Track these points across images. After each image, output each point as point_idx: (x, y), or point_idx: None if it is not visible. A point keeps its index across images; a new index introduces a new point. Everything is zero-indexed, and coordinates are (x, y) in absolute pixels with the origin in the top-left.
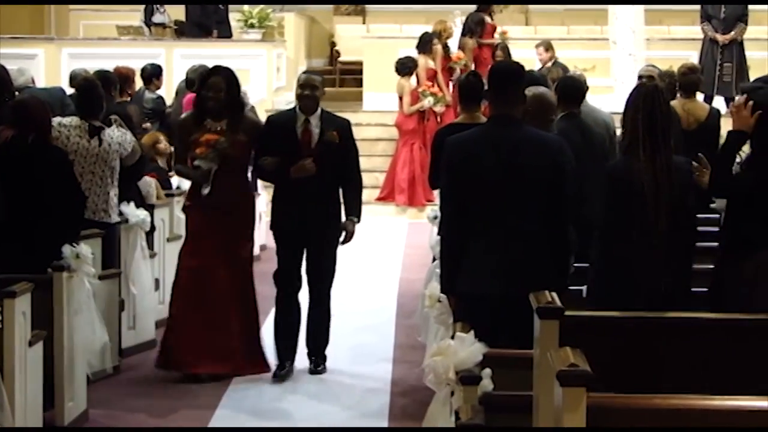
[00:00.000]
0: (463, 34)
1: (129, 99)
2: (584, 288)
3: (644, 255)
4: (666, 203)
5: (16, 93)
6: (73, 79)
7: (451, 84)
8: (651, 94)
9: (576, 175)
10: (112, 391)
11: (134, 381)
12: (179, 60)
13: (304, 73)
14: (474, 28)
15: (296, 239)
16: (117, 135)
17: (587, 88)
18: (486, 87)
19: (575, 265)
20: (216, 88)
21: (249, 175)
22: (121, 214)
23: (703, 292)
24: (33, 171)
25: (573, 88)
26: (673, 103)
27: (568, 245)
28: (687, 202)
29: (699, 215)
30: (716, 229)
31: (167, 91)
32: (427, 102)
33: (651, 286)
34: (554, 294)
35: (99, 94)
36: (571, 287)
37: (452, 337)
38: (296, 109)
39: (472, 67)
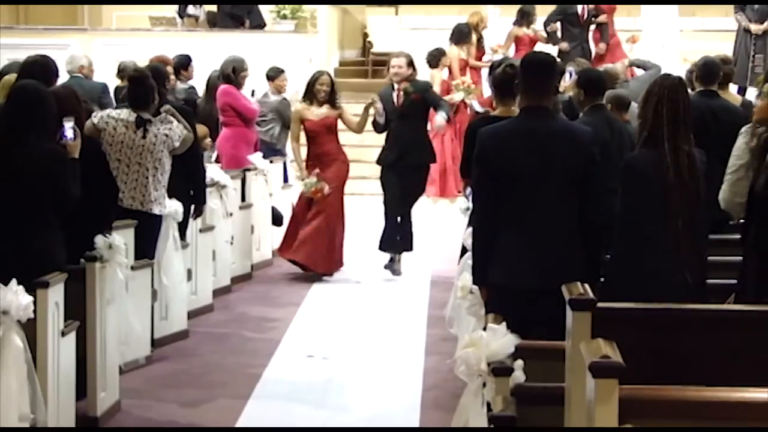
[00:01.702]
0: (516, 24)
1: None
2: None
3: (667, 247)
4: (687, 196)
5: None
6: (122, 71)
7: (485, 76)
8: (675, 86)
9: (604, 169)
10: (145, 382)
11: (166, 371)
12: (212, 51)
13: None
14: (527, 16)
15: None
16: (164, 128)
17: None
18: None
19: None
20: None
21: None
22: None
23: (724, 284)
24: None
25: (597, 81)
26: None
27: (600, 237)
28: (702, 193)
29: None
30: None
31: (199, 81)
32: (458, 96)
33: (674, 279)
34: (587, 285)
35: (150, 86)
36: (603, 279)
37: (484, 329)
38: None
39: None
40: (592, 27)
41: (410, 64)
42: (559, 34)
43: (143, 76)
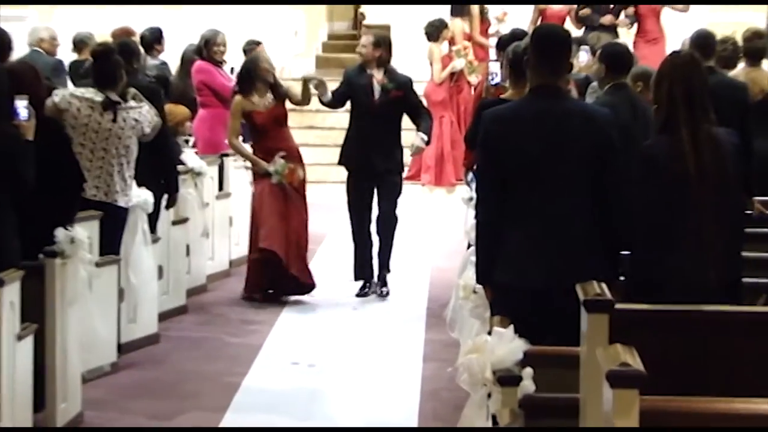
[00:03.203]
0: None
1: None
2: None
3: (689, 243)
4: (712, 185)
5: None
6: (78, 43)
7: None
8: (687, 63)
9: (625, 156)
10: (110, 392)
11: (134, 380)
12: (187, 23)
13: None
14: None
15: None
16: (134, 112)
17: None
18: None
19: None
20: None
21: None
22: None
23: (760, 282)
24: None
25: (621, 56)
26: (736, 71)
27: (618, 231)
28: (732, 180)
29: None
30: None
31: (173, 57)
32: (459, 64)
33: (697, 279)
34: (603, 285)
35: (116, 62)
36: (622, 278)
37: (489, 333)
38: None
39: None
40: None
41: (379, 44)
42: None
43: (108, 51)
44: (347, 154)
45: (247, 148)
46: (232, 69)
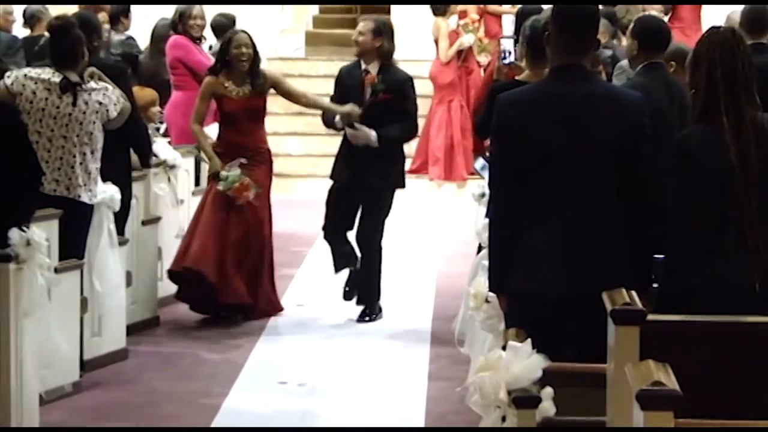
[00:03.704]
0: None
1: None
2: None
3: (731, 247)
4: (757, 180)
5: None
6: (30, 18)
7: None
8: (728, 41)
9: (659, 142)
10: (71, 415)
11: (99, 402)
12: None
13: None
14: None
15: None
16: (97, 93)
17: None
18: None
19: (656, 256)
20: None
21: None
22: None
23: None
24: None
25: (657, 31)
26: None
27: (649, 231)
28: None
29: None
30: None
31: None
32: (467, 40)
33: (740, 286)
34: (633, 293)
35: (76, 37)
36: (654, 285)
37: (503, 348)
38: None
39: None
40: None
41: (380, 33)
42: None
43: (67, 25)
44: (336, 167)
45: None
46: (210, 47)
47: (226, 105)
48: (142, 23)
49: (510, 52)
